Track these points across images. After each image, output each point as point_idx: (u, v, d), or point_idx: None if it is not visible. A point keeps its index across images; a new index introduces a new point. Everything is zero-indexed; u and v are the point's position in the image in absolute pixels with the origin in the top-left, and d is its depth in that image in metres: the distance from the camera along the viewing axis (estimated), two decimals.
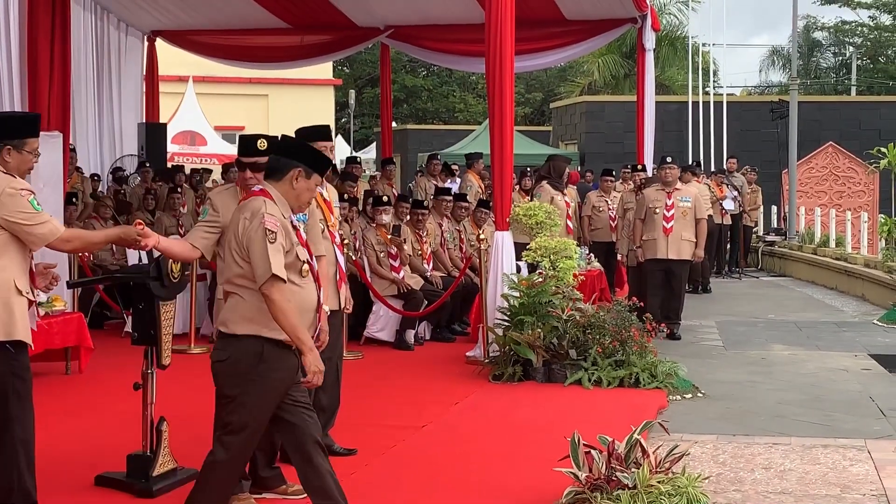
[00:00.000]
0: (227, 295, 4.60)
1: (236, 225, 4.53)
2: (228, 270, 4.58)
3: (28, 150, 4.87)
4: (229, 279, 4.57)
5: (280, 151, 4.72)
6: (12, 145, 4.82)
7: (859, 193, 21.43)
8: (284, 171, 4.59)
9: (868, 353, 10.38)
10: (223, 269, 4.77)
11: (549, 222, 9.64)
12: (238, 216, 4.55)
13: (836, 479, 6.04)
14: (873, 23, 45.34)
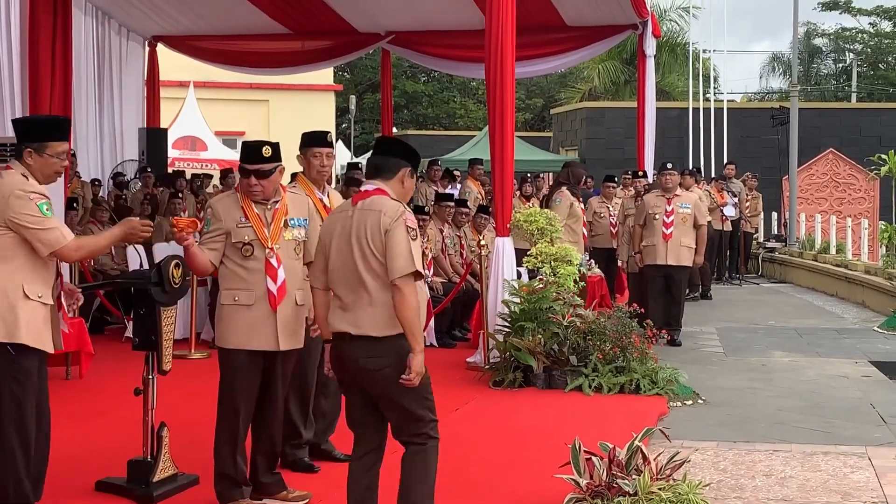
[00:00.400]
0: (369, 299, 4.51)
1: (365, 225, 4.51)
2: (368, 272, 4.51)
3: (50, 154, 4.85)
4: (369, 283, 4.51)
5: (388, 151, 4.76)
6: (33, 148, 4.83)
7: (860, 200, 21.44)
8: (395, 171, 4.67)
9: (868, 359, 10.38)
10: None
11: (550, 228, 9.64)
12: (365, 215, 4.53)
13: (836, 486, 6.04)
14: (874, 29, 45.44)
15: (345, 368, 4.62)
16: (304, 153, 6.00)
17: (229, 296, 5.25)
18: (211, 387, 5.69)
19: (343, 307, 4.58)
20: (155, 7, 14.78)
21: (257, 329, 5.24)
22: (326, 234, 4.70)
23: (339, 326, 4.58)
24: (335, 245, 4.61)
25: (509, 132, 9.34)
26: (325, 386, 6.17)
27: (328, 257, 4.65)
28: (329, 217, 4.89)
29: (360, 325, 4.52)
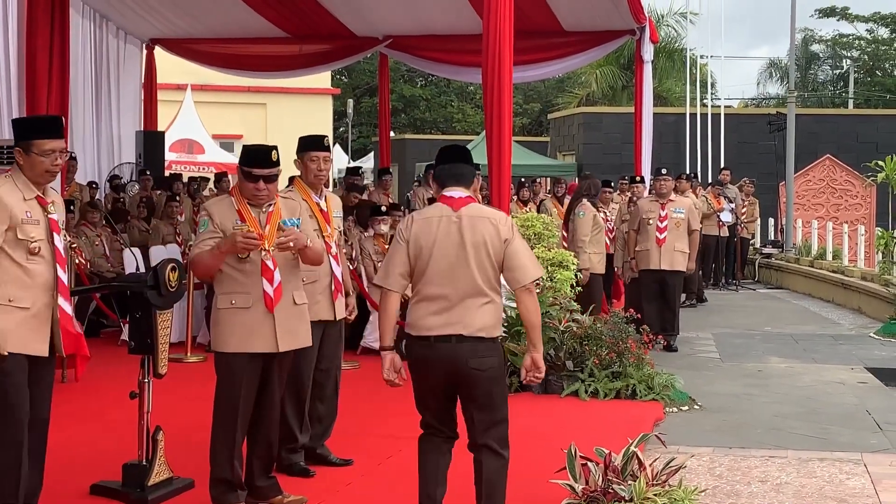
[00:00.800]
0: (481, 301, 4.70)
1: (483, 233, 4.70)
2: (482, 276, 4.71)
3: (36, 152, 4.79)
4: (482, 287, 4.70)
5: (460, 159, 4.95)
6: (22, 147, 4.80)
7: (856, 206, 21.46)
8: (470, 179, 4.93)
9: (864, 366, 10.38)
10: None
11: (547, 233, 9.65)
12: (476, 222, 4.73)
13: (832, 492, 6.04)
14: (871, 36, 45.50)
15: (444, 370, 4.72)
16: (301, 157, 6.01)
17: (226, 299, 5.25)
18: (207, 390, 5.68)
19: (444, 310, 4.70)
20: (152, 10, 14.77)
21: (256, 331, 5.24)
22: (423, 239, 4.74)
23: (441, 329, 4.69)
24: (440, 249, 4.71)
25: (507, 137, 9.32)
26: (322, 390, 6.18)
27: (419, 261, 4.73)
28: (422, 222, 4.79)
29: (472, 326, 4.67)
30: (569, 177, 22.23)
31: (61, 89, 10.28)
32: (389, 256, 4.85)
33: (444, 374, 4.73)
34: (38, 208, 4.84)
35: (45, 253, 4.81)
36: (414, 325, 4.77)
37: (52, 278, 4.83)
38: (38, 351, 4.81)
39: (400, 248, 4.77)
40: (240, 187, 5.36)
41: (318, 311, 5.91)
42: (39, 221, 4.81)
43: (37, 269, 4.77)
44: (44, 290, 4.80)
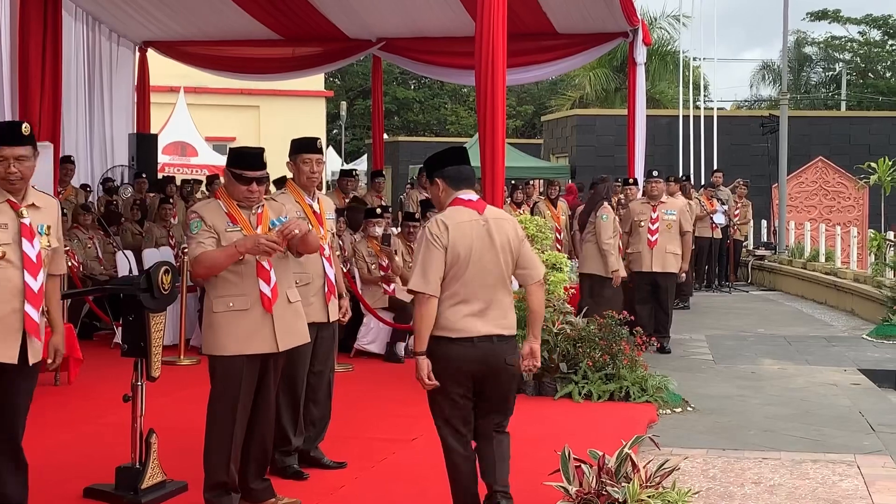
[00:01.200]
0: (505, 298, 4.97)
1: (507, 234, 4.96)
2: (508, 276, 4.97)
3: None
4: (508, 286, 5.00)
5: (466, 161, 5.08)
6: None
7: (849, 208, 21.50)
8: (475, 181, 5.19)
9: (857, 367, 10.40)
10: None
11: (541, 235, 9.64)
12: (500, 224, 4.97)
13: (825, 494, 6.04)
14: (863, 38, 45.59)
15: (483, 369, 4.89)
16: (293, 160, 6.00)
17: (222, 303, 5.21)
18: (200, 393, 5.67)
19: (483, 311, 4.88)
20: (145, 12, 14.75)
21: (256, 333, 5.23)
22: (460, 245, 4.83)
23: (483, 329, 4.86)
24: (476, 254, 4.85)
25: (500, 139, 9.32)
26: (315, 392, 6.17)
27: (454, 266, 4.82)
28: (456, 227, 4.85)
29: (507, 325, 4.96)
30: (562, 179, 22.23)
31: (54, 92, 10.28)
32: (426, 262, 4.82)
33: (482, 373, 4.91)
34: (10, 212, 4.70)
35: (11, 258, 4.65)
36: (451, 327, 4.83)
37: (19, 284, 4.68)
38: (7, 357, 4.67)
39: (438, 255, 4.81)
40: (228, 190, 5.33)
41: (312, 313, 5.89)
42: (7, 225, 4.68)
43: (2, 273, 4.63)
44: (11, 295, 4.65)
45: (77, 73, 15.01)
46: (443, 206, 5.05)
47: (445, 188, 5.03)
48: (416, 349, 4.85)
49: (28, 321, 4.70)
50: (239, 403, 5.23)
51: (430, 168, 5.11)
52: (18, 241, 4.69)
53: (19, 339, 4.70)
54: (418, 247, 4.93)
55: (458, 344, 4.83)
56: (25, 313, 4.70)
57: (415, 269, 4.86)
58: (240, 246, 5.13)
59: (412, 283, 4.85)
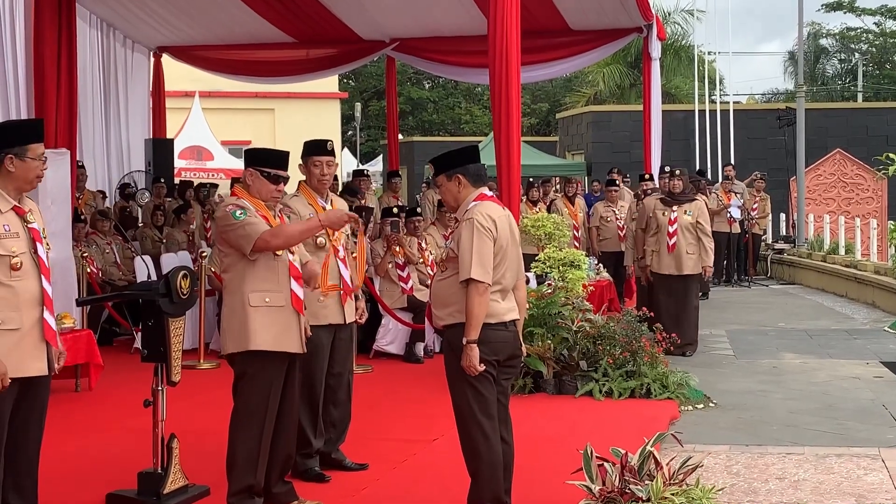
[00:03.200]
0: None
1: (517, 230, 5.27)
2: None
3: (32, 157, 4.62)
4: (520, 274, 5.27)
5: (479, 159, 5.23)
6: (14, 153, 4.58)
7: (868, 200, 21.38)
8: (487, 179, 5.30)
9: (880, 360, 10.34)
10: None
11: (558, 233, 9.62)
12: (514, 222, 5.26)
13: (850, 488, 6.00)
14: (879, 29, 45.35)
15: (510, 350, 5.12)
16: (305, 162, 6.00)
17: (259, 297, 5.17)
18: (220, 396, 5.68)
19: (510, 297, 5.14)
20: (159, 18, 14.79)
21: (288, 331, 5.23)
22: (504, 237, 5.06)
23: (511, 315, 5.11)
24: (510, 245, 5.11)
25: (515, 137, 9.30)
26: (335, 394, 6.16)
27: (499, 256, 5.01)
28: (499, 220, 5.06)
29: (517, 311, 5.20)
30: (578, 176, 22.18)
31: (69, 98, 10.32)
32: (482, 252, 4.93)
33: (512, 355, 5.14)
34: (17, 219, 4.61)
35: (28, 267, 4.58)
36: (492, 313, 4.99)
37: (38, 293, 4.61)
38: (38, 370, 4.63)
39: (490, 245, 4.97)
40: (253, 189, 5.30)
41: (328, 314, 5.89)
42: (19, 234, 4.59)
43: (22, 285, 4.54)
44: (32, 306, 4.59)
45: (92, 80, 15.05)
46: (459, 202, 5.13)
47: (467, 185, 5.13)
48: (472, 337, 4.90)
49: (47, 329, 4.66)
50: (269, 402, 5.20)
51: (448, 165, 5.15)
52: (33, 248, 4.64)
53: (44, 348, 4.67)
54: (467, 239, 4.95)
55: (496, 329, 5.00)
56: (44, 321, 4.65)
57: (470, 259, 4.90)
58: (324, 220, 5.30)
59: (473, 272, 4.88)
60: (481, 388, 5.00)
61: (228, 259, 5.25)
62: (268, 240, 5.12)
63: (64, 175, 9.78)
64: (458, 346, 4.93)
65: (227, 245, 5.23)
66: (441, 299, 5.12)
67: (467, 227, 4.97)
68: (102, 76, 15.43)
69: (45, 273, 4.67)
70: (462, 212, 5.09)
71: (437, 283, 5.22)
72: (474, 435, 5.03)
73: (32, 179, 4.70)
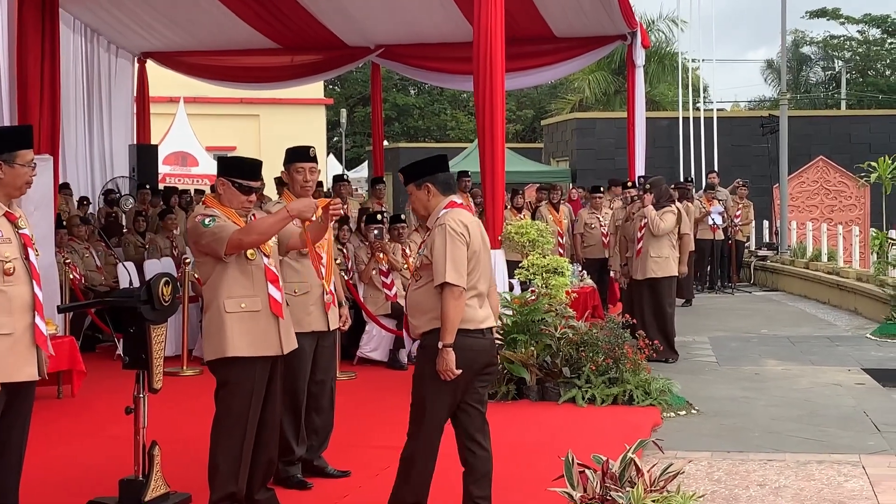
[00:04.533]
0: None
1: (487, 237, 5.30)
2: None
3: (21, 163, 4.63)
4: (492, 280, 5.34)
5: (447, 168, 5.27)
6: (3, 160, 4.60)
7: (850, 207, 21.48)
8: (456, 187, 5.34)
9: (861, 367, 10.37)
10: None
11: (542, 240, 9.64)
12: (483, 228, 5.27)
13: (831, 495, 6.03)
14: (862, 36, 45.59)
15: (487, 358, 5.16)
16: (287, 168, 5.99)
17: (234, 303, 5.18)
18: (203, 403, 5.67)
19: (485, 304, 5.14)
20: (144, 23, 14.78)
21: (266, 335, 5.23)
22: (477, 242, 5.09)
23: (489, 322, 5.14)
24: (482, 251, 5.14)
25: (499, 144, 9.34)
26: (318, 401, 6.15)
27: (473, 262, 5.04)
28: (471, 226, 5.08)
29: (493, 318, 5.24)
30: (563, 183, 22.22)
31: (52, 104, 10.29)
32: (456, 257, 4.95)
33: (487, 363, 5.17)
34: (8, 225, 4.64)
35: (20, 272, 4.60)
36: (471, 319, 5.01)
37: (30, 298, 4.63)
38: (29, 375, 4.65)
39: (464, 250, 4.99)
40: (224, 199, 5.30)
41: (312, 321, 5.89)
42: (11, 239, 4.61)
43: (14, 290, 4.57)
44: (24, 311, 4.61)
45: (76, 86, 15.03)
46: (429, 210, 5.17)
47: (436, 193, 5.15)
48: (447, 341, 4.91)
49: (38, 334, 4.67)
50: (250, 409, 5.20)
51: (417, 174, 5.18)
52: (25, 254, 4.65)
53: (35, 354, 4.68)
54: (440, 244, 4.97)
55: (473, 336, 5.03)
56: (35, 326, 4.67)
57: (444, 264, 4.91)
58: (292, 210, 5.25)
59: (448, 276, 4.90)
60: (445, 395, 5.02)
61: (204, 268, 5.28)
62: (241, 238, 5.13)
63: (47, 181, 9.75)
64: (436, 351, 4.94)
65: (202, 253, 5.25)
66: (418, 307, 5.11)
67: (440, 232, 4.99)
68: (86, 82, 15.41)
69: (36, 278, 4.69)
70: (433, 219, 5.11)
71: (412, 293, 5.21)
72: (417, 437, 5.07)
73: (21, 186, 4.71)
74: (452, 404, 5.07)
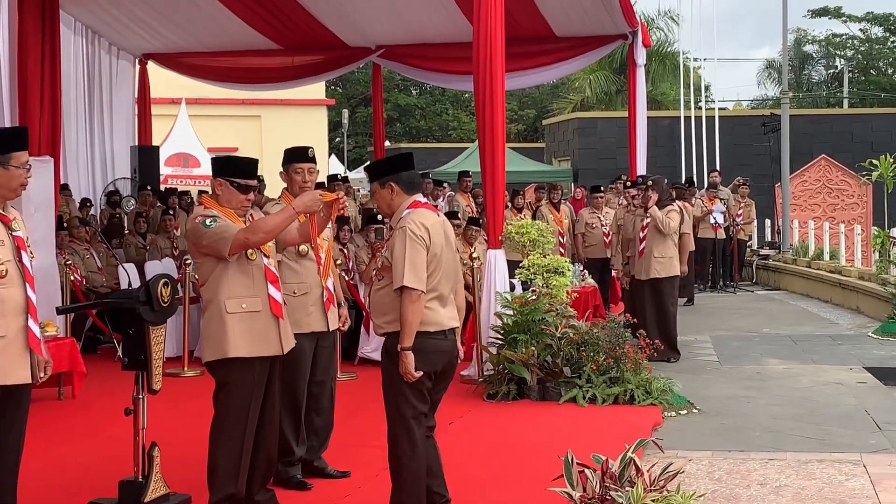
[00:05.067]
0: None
1: (453, 235, 5.29)
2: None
3: (15, 165, 4.61)
4: (456, 280, 5.30)
5: (413, 166, 5.24)
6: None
7: (852, 206, 21.47)
8: (422, 186, 5.35)
9: (863, 366, 10.36)
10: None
11: (543, 240, 9.63)
12: (449, 226, 5.26)
13: (832, 494, 6.02)
14: (864, 35, 45.55)
15: (448, 359, 5.15)
16: (286, 169, 5.99)
17: (235, 304, 5.17)
18: (203, 404, 5.66)
19: (449, 305, 5.15)
20: (145, 25, 14.77)
21: (267, 335, 5.23)
22: (438, 244, 5.05)
23: (449, 323, 5.12)
24: (445, 252, 5.11)
25: (500, 144, 9.33)
26: (318, 402, 6.15)
27: (433, 264, 5.01)
28: (433, 228, 5.04)
29: (457, 319, 5.23)
30: (564, 182, 22.22)
31: (53, 106, 10.28)
32: (415, 260, 4.93)
33: (447, 365, 5.14)
34: (2, 227, 4.62)
35: (13, 275, 4.57)
36: (430, 321, 5.00)
37: (23, 301, 4.60)
38: (21, 378, 4.62)
39: (423, 253, 4.97)
40: (223, 199, 5.29)
41: (311, 322, 5.89)
42: (4, 242, 4.59)
43: (6, 293, 4.54)
44: (17, 314, 4.58)
45: (77, 87, 15.02)
46: (392, 209, 5.15)
47: (399, 192, 5.14)
48: (406, 344, 4.91)
49: (31, 337, 4.65)
50: (250, 409, 5.20)
51: (381, 173, 5.18)
52: (18, 257, 4.64)
53: (28, 356, 4.65)
54: (399, 247, 4.95)
55: (435, 338, 5.03)
56: (29, 329, 4.64)
57: (403, 267, 4.90)
58: (298, 206, 5.24)
59: (406, 279, 4.89)
60: (412, 397, 5.02)
61: (203, 269, 5.26)
62: (246, 237, 5.12)
63: (47, 183, 9.76)
64: (397, 353, 4.95)
65: (202, 255, 5.23)
66: (379, 308, 5.13)
67: (399, 235, 4.98)
68: (87, 83, 15.41)
69: (30, 281, 4.66)
70: (396, 219, 5.10)
71: (374, 293, 5.23)
72: (401, 442, 5.05)
73: (16, 188, 4.69)
74: (423, 402, 5.07)
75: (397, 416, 5.05)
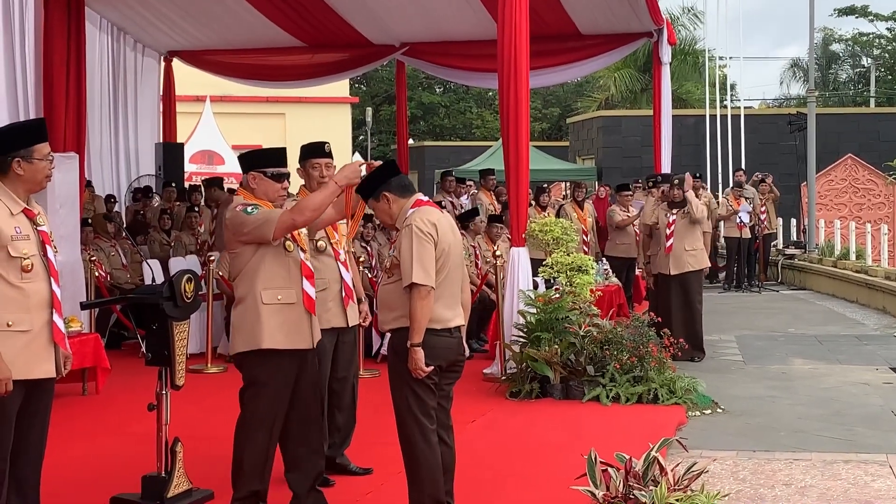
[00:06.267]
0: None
1: (458, 232, 5.30)
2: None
3: (39, 158, 4.63)
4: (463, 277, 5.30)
5: (398, 171, 5.24)
6: (21, 156, 4.59)
7: (879, 205, 21.33)
8: (414, 187, 5.27)
9: (889, 366, 10.28)
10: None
11: (566, 238, 9.60)
12: (454, 223, 5.29)
13: (857, 495, 5.96)
14: (891, 34, 45.21)
15: (454, 355, 5.16)
16: (303, 165, 5.98)
17: (271, 295, 5.14)
18: (227, 400, 5.67)
19: (456, 303, 5.15)
20: (170, 22, 14.83)
21: (300, 328, 5.20)
22: (444, 241, 5.02)
23: (455, 321, 5.12)
24: (453, 248, 5.10)
25: (524, 142, 9.29)
26: (340, 398, 6.15)
27: (442, 260, 4.99)
28: (440, 223, 5.04)
29: (463, 317, 5.23)
30: (588, 181, 22.15)
31: (78, 102, 10.34)
32: (423, 257, 4.91)
33: (453, 363, 5.16)
34: (27, 222, 4.62)
35: (38, 269, 4.60)
36: (437, 318, 4.98)
37: (48, 295, 4.62)
38: (46, 373, 4.63)
39: (431, 249, 4.94)
40: (259, 191, 5.26)
41: (331, 318, 5.86)
42: (30, 236, 4.60)
43: (32, 287, 4.55)
44: (42, 308, 4.59)
45: (102, 84, 15.10)
46: (395, 217, 5.11)
47: (396, 199, 5.11)
48: (415, 341, 4.90)
49: (56, 331, 4.66)
50: (280, 403, 5.17)
51: (371, 189, 5.15)
52: (43, 251, 4.65)
53: (52, 351, 4.67)
54: (407, 245, 4.93)
55: (442, 335, 5.02)
56: (53, 324, 4.66)
57: (412, 264, 4.88)
58: (340, 180, 5.18)
59: (415, 276, 4.87)
60: (421, 392, 5.01)
61: (239, 259, 5.20)
62: (293, 217, 5.07)
63: (73, 179, 9.82)
64: (403, 349, 4.94)
65: (241, 244, 5.17)
66: (386, 304, 5.12)
67: (406, 233, 4.95)
68: (112, 80, 15.48)
69: (54, 275, 4.68)
70: (401, 221, 5.06)
71: (382, 288, 5.22)
72: (413, 438, 5.03)
73: (41, 180, 4.71)
74: (431, 396, 5.06)
75: (407, 412, 5.05)
